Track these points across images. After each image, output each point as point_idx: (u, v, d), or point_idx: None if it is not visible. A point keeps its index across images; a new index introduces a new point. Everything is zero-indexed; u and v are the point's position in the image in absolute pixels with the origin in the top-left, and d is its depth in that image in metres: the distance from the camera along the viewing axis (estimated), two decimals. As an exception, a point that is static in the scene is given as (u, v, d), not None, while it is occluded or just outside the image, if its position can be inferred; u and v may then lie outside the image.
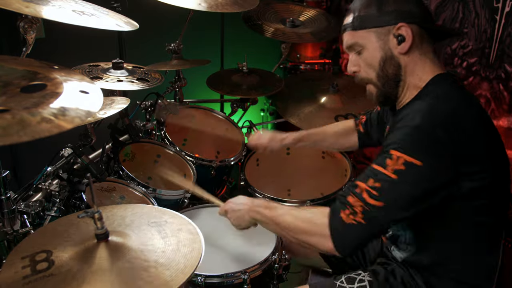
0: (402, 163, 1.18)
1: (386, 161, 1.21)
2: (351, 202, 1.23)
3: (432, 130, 1.18)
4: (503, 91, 2.51)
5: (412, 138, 1.20)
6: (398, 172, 1.19)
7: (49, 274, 1.04)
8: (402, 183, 1.19)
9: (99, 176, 1.64)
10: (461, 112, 1.24)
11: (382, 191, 1.20)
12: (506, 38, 2.38)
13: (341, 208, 1.24)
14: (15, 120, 0.88)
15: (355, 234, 1.22)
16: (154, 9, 2.18)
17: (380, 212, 1.20)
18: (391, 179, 1.19)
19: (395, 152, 1.20)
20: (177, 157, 2.21)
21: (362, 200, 1.21)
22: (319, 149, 2.39)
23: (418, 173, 1.18)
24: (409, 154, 1.18)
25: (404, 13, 1.29)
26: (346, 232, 1.23)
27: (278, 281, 1.65)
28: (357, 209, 1.21)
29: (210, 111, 2.56)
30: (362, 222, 1.20)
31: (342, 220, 1.23)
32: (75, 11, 1.41)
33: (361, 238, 1.23)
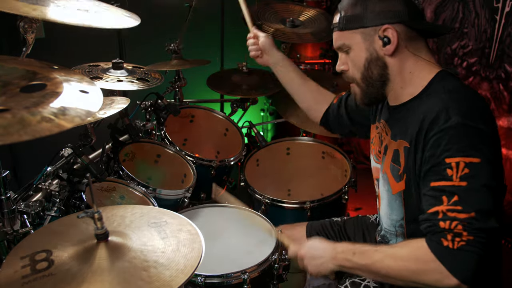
0: (464, 166, 1.15)
1: (447, 173, 1.17)
2: (447, 227, 1.15)
3: (475, 125, 1.17)
4: (503, 91, 2.51)
5: (459, 139, 1.17)
6: (465, 177, 1.15)
7: (49, 273, 1.04)
8: (475, 185, 1.15)
9: (99, 176, 1.64)
10: (481, 103, 1.25)
11: (464, 202, 1.14)
12: (506, 38, 2.38)
13: (441, 237, 1.15)
14: (16, 120, 0.88)
15: (473, 255, 1.13)
16: (154, 8, 2.18)
17: (478, 219, 1.13)
18: (463, 187, 1.15)
19: (451, 160, 1.16)
20: (177, 157, 2.21)
21: (455, 219, 1.14)
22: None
23: (481, 169, 1.15)
24: (465, 156, 1.15)
25: (390, 13, 1.28)
26: (462, 257, 1.13)
27: (278, 281, 1.65)
28: (458, 230, 1.13)
29: (210, 111, 2.56)
30: (470, 238, 1.12)
31: (450, 248, 1.13)
32: (80, 10, 1.40)
33: (480, 255, 1.13)
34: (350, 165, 2.26)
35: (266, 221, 1.80)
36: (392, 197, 1.40)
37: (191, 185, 2.06)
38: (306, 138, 2.50)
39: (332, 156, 2.42)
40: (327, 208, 2.09)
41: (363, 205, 3.06)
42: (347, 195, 2.15)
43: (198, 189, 2.17)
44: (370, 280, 1.46)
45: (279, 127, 3.55)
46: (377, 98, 1.40)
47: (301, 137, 2.52)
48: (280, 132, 3.56)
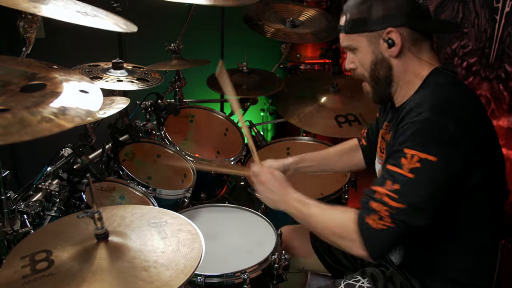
0: (417, 160, 1.18)
1: (401, 161, 1.21)
2: (375, 207, 1.23)
3: (443, 123, 1.19)
4: (503, 91, 2.51)
5: (422, 134, 1.20)
6: (414, 171, 1.19)
7: (49, 273, 1.04)
8: (420, 181, 1.19)
9: (99, 176, 1.64)
10: (464, 99, 1.27)
11: (402, 193, 1.20)
12: (506, 38, 2.38)
13: (365, 214, 1.24)
14: (16, 120, 0.88)
15: (387, 239, 1.23)
16: (154, 9, 2.18)
17: (406, 213, 1.19)
18: (408, 178, 1.19)
19: (408, 151, 1.20)
20: (177, 157, 2.21)
21: (385, 204, 1.21)
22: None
23: (434, 168, 1.18)
24: (422, 151, 1.18)
25: (393, 17, 1.31)
26: (377, 237, 1.23)
27: (278, 281, 1.65)
28: (383, 214, 1.21)
29: (210, 111, 2.56)
30: (392, 226, 1.21)
31: (370, 226, 1.23)
32: (79, 12, 1.41)
33: (393, 241, 1.25)
34: (350, 165, 2.26)
35: (265, 220, 1.80)
36: None
37: (191, 185, 2.06)
38: (306, 138, 2.50)
39: (332, 156, 2.41)
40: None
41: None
42: (347, 195, 2.15)
43: (198, 189, 2.17)
44: (364, 281, 1.48)
45: (279, 127, 3.55)
46: (385, 97, 1.43)
47: (301, 137, 2.52)
48: (280, 132, 3.56)
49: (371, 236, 1.23)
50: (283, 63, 3.33)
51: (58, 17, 1.28)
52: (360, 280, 1.49)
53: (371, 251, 1.24)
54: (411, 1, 1.32)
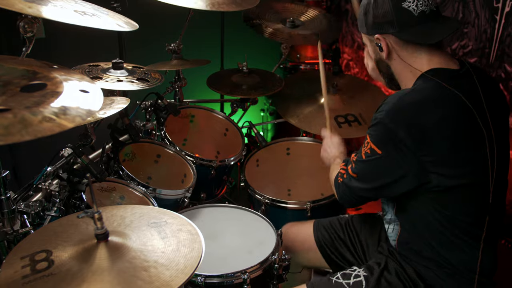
0: (369, 147, 1.39)
1: (365, 142, 1.42)
2: (342, 170, 1.54)
3: (394, 129, 1.30)
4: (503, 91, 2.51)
5: (376, 130, 1.37)
6: (366, 154, 1.41)
7: (49, 273, 1.04)
8: (367, 164, 1.41)
9: (99, 176, 1.64)
10: (426, 107, 1.30)
11: (356, 165, 1.46)
12: (506, 38, 2.38)
13: (340, 171, 1.56)
14: (17, 120, 0.88)
15: (343, 192, 1.53)
16: (154, 9, 2.18)
17: (352, 180, 1.47)
18: (361, 158, 1.43)
19: (368, 137, 1.41)
20: (177, 157, 2.21)
21: (346, 169, 1.51)
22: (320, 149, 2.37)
23: (379, 159, 1.37)
24: (373, 142, 1.38)
25: (381, 25, 1.40)
26: (339, 189, 1.55)
27: (278, 281, 1.65)
28: (343, 173, 1.52)
29: (210, 111, 2.56)
30: (346, 184, 1.50)
31: (337, 180, 1.56)
32: (77, 11, 1.41)
33: (348, 195, 1.52)
34: (350, 165, 2.26)
35: (265, 220, 1.80)
36: None
37: (191, 185, 2.06)
38: (306, 138, 2.50)
39: (332, 156, 2.41)
40: (328, 208, 2.09)
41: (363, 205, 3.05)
42: (347, 195, 2.15)
43: (198, 189, 2.17)
44: (360, 270, 1.54)
45: (279, 127, 3.55)
46: (395, 86, 1.54)
47: (301, 137, 2.52)
48: (280, 132, 3.56)
49: (337, 187, 1.56)
50: (283, 63, 3.33)
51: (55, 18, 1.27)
52: (356, 269, 1.55)
53: (338, 197, 1.57)
54: (398, 9, 1.36)
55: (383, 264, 1.53)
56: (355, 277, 1.51)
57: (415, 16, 1.35)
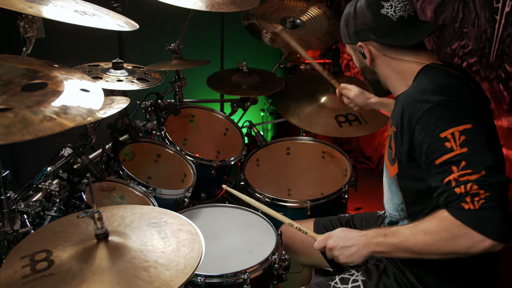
0: (459, 134, 1.20)
1: (445, 146, 1.20)
2: (463, 190, 1.17)
3: (455, 99, 1.26)
4: (503, 91, 2.51)
5: (444, 113, 1.23)
6: (464, 144, 1.19)
7: (49, 273, 1.04)
8: (475, 148, 1.19)
9: (99, 176, 1.64)
10: (460, 85, 1.32)
11: (471, 165, 1.17)
12: (506, 38, 2.38)
13: (460, 202, 1.17)
14: (18, 119, 0.88)
15: (495, 211, 1.14)
16: (154, 9, 2.18)
17: (489, 176, 1.16)
18: (465, 152, 1.19)
19: (445, 133, 1.21)
20: (177, 157, 2.21)
21: (468, 181, 1.17)
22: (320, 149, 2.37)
23: (476, 132, 1.21)
24: (456, 125, 1.21)
25: (362, 32, 1.45)
26: (486, 216, 1.15)
27: (278, 281, 1.65)
28: (474, 191, 1.16)
29: (210, 111, 2.56)
30: (488, 195, 1.15)
31: (472, 210, 1.15)
32: (77, 11, 1.41)
33: (501, 209, 1.15)
34: (350, 165, 2.26)
35: (265, 220, 1.80)
36: (389, 181, 1.49)
37: (191, 185, 2.06)
38: (306, 138, 2.50)
39: (332, 156, 2.42)
40: (327, 207, 2.09)
41: (363, 204, 3.05)
42: (347, 195, 2.15)
43: (198, 189, 2.17)
44: (358, 275, 1.52)
45: (279, 127, 3.55)
46: (383, 91, 1.56)
47: (301, 137, 2.52)
48: (280, 132, 3.56)
49: (479, 218, 1.15)
50: (283, 63, 3.33)
51: (55, 17, 1.27)
52: (354, 273, 1.54)
53: (489, 233, 1.14)
54: (377, 16, 1.41)
55: (382, 268, 1.51)
56: (353, 281, 1.50)
57: (394, 22, 1.40)
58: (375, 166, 3.54)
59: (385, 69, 1.47)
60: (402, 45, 1.42)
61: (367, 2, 1.42)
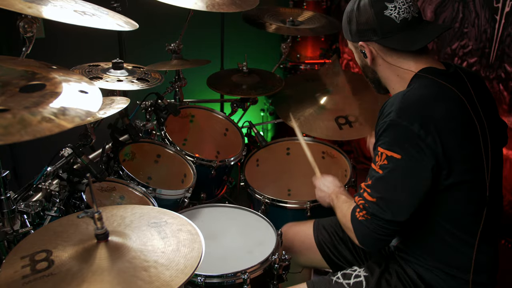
0: (385, 158, 1.30)
1: (376, 158, 1.34)
2: (357, 201, 1.38)
3: (407, 124, 1.27)
4: (503, 91, 2.51)
5: (389, 134, 1.30)
6: (383, 167, 1.31)
7: (49, 273, 1.04)
8: (387, 177, 1.31)
9: (98, 176, 1.64)
10: (434, 101, 1.32)
11: (373, 187, 1.33)
12: (506, 38, 2.38)
13: (356, 208, 1.39)
14: (16, 120, 0.89)
15: (368, 229, 1.34)
16: (154, 9, 2.18)
17: (375, 206, 1.32)
18: (378, 174, 1.32)
19: (380, 149, 1.32)
20: (177, 157, 2.21)
21: (363, 198, 1.35)
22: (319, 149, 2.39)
23: (400, 165, 1.28)
24: (389, 149, 1.30)
25: (364, 32, 1.43)
26: (361, 227, 1.36)
27: (278, 281, 1.65)
28: (361, 206, 1.36)
29: (210, 111, 2.56)
30: (368, 218, 1.34)
31: (356, 218, 1.38)
32: (77, 11, 1.41)
33: (376, 232, 1.33)
34: (350, 165, 2.26)
35: (265, 220, 1.80)
36: None
37: (191, 185, 2.06)
38: (306, 138, 2.50)
39: (332, 156, 2.41)
40: (327, 208, 2.09)
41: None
42: (347, 195, 2.15)
43: (198, 189, 2.17)
44: (360, 270, 1.54)
45: (279, 127, 3.55)
46: (382, 90, 1.57)
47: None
48: (280, 132, 3.56)
49: (357, 226, 1.38)
50: (283, 63, 3.34)
51: (55, 18, 1.28)
52: (356, 269, 1.55)
53: (360, 240, 1.38)
54: (381, 17, 1.39)
55: (384, 265, 1.53)
56: (356, 277, 1.51)
57: (397, 24, 1.38)
58: (375, 166, 3.53)
59: (385, 70, 1.47)
60: (404, 49, 1.41)
61: (371, 1, 1.39)
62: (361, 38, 1.45)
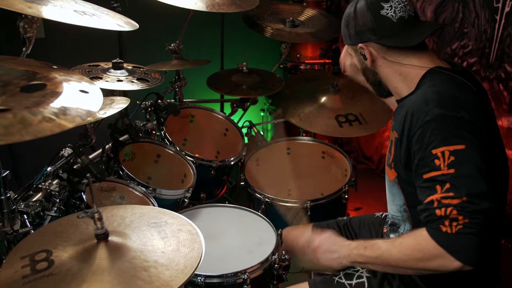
0: (449, 155, 1.21)
1: (435, 163, 1.22)
2: (443, 213, 1.20)
3: (456, 114, 1.24)
4: (503, 91, 2.51)
5: (441, 130, 1.23)
6: (451, 165, 1.20)
7: (49, 273, 1.04)
8: (462, 171, 1.20)
9: (99, 176, 1.64)
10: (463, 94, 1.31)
11: (455, 188, 1.19)
12: (506, 38, 2.38)
13: (437, 225, 1.21)
14: (17, 120, 0.89)
15: (470, 237, 1.17)
16: (154, 9, 2.18)
17: (470, 203, 1.18)
18: (451, 174, 1.20)
19: (436, 151, 1.22)
20: (177, 157, 2.21)
21: (449, 205, 1.19)
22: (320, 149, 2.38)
23: (467, 155, 1.20)
24: (449, 144, 1.21)
25: (362, 33, 1.44)
26: (461, 241, 1.18)
27: (278, 281, 1.65)
28: (453, 216, 1.18)
29: (210, 111, 2.56)
30: (466, 222, 1.17)
31: (448, 233, 1.19)
32: (77, 11, 1.41)
33: (478, 236, 1.17)
34: (350, 165, 2.26)
35: (265, 220, 1.80)
36: (390, 183, 1.50)
37: (191, 185, 2.06)
38: (306, 138, 2.50)
39: (332, 156, 2.42)
40: (327, 207, 2.09)
41: (363, 205, 3.06)
42: (347, 195, 2.15)
43: (198, 189, 2.17)
44: (363, 271, 1.52)
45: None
46: (384, 93, 1.55)
47: (301, 137, 2.52)
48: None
49: (455, 242, 1.19)
50: (283, 63, 3.33)
51: (55, 18, 1.28)
52: (359, 270, 1.53)
53: (463, 258, 1.18)
54: (377, 17, 1.40)
55: None
56: (358, 277, 1.50)
57: (394, 22, 1.40)
58: (375, 166, 3.54)
59: (386, 70, 1.47)
60: (402, 46, 1.41)
61: (367, 3, 1.41)
62: (360, 39, 1.45)
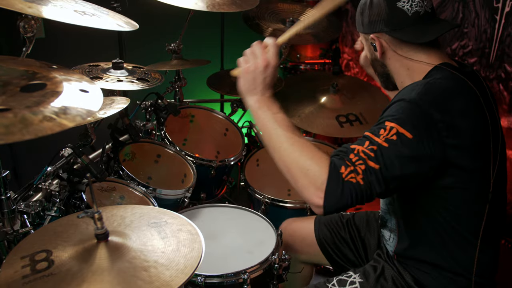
0: (394, 133, 1.22)
1: (379, 131, 1.24)
2: (353, 160, 1.20)
3: (428, 110, 1.24)
4: (503, 91, 2.51)
5: (407, 112, 1.25)
6: (389, 141, 1.21)
7: (49, 273, 1.04)
8: (391, 151, 1.21)
9: (99, 176, 1.64)
10: (453, 94, 1.30)
11: (377, 155, 1.20)
12: (506, 38, 2.38)
13: (342, 164, 1.20)
14: (17, 119, 0.89)
15: (350, 193, 1.18)
16: (154, 9, 2.18)
17: (377, 174, 1.19)
18: (383, 146, 1.21)
19: (389, 123, 1.24)
20: (177, 157, 2.21)
21: (363, 160, 1.20)
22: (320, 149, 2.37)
23: (407, 144, 1.21)
24: (402, 125, 1.22)
25: (375, 24, 1.42)
26: (342, 189, 1.18)
27: (278, 281, 1.65)
28: (359, 169, 1.19)
29: (210, 111, 2.56)
30: (360, 183, 1.18)
31: (341, 177, 1.18)
32: (77, 11, 1.41)
33: (354, 198, 1.18)
34: (350, 165, 2.26)
35: (265, 220, 1.80)
36: None
37: (191, 185, 2.06)
38: (306, 138, 2.50)
39: (332, 156, 2.41)
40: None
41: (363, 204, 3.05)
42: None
43: (198, 189, 2.17)
44: (356, 276, 1.52)
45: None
46: (391, 85, 1.54)
47: (301, 137, 2.52)
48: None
49: (337, 186, 1.18)
50: (283, 63, 3.33)
51: (55, 18, 1.28)
52: (352, 275, 1.53)
53: (327, 202, 1.18)
54: (393, 8, 1.38)
55: (380, 270, 1.51)
56: (351, 284, 1.50)
57: (408, 16, 1.38)
58: (375, 166, 3.53)
59: (395, 64, 1.45)
60: (413, 41, 1.39)
61: None
62: (372, 29, 1.43)
